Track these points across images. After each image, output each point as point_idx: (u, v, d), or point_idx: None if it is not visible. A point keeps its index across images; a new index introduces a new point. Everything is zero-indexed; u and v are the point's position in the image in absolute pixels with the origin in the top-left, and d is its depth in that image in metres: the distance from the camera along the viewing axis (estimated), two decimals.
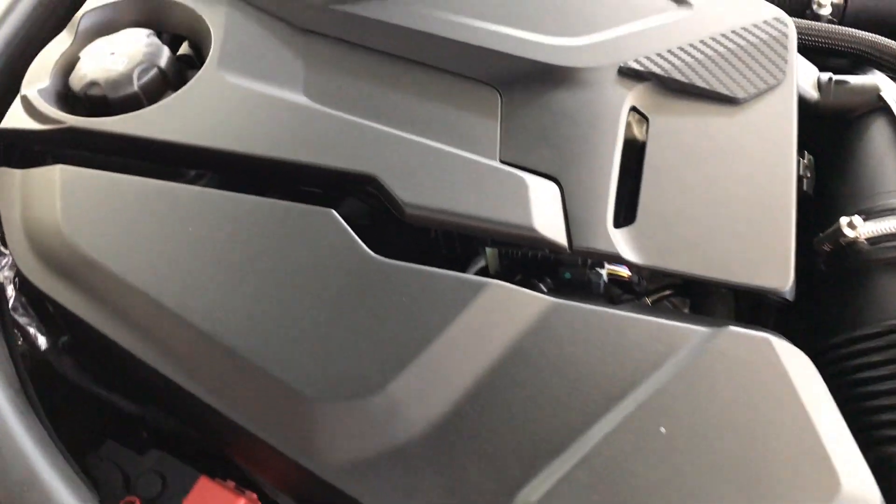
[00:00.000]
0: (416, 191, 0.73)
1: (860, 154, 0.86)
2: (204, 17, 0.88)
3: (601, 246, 0.71)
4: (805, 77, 0.87)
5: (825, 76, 0.88)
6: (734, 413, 0.63)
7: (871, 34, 0.90)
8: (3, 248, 0.85)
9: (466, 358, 0.65)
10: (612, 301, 0.78)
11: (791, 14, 0.96)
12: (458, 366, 0.65)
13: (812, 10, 0.94)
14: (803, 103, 0.85)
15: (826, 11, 0.94)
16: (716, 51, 0.82)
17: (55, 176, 0.77)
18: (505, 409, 0.64)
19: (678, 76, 0.80)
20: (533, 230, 0.71)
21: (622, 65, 0.81)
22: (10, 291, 0.83)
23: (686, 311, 0.82)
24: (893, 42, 0.89)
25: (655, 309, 0.79)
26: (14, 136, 0.83)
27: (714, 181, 0.76)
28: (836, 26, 0.91)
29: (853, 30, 0.90)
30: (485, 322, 0.66)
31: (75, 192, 0.76)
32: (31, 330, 0.83)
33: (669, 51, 0.82)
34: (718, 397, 0.63)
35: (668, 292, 0.83)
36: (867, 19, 0.95)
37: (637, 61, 0.81)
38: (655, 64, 0.81)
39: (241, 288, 0.69)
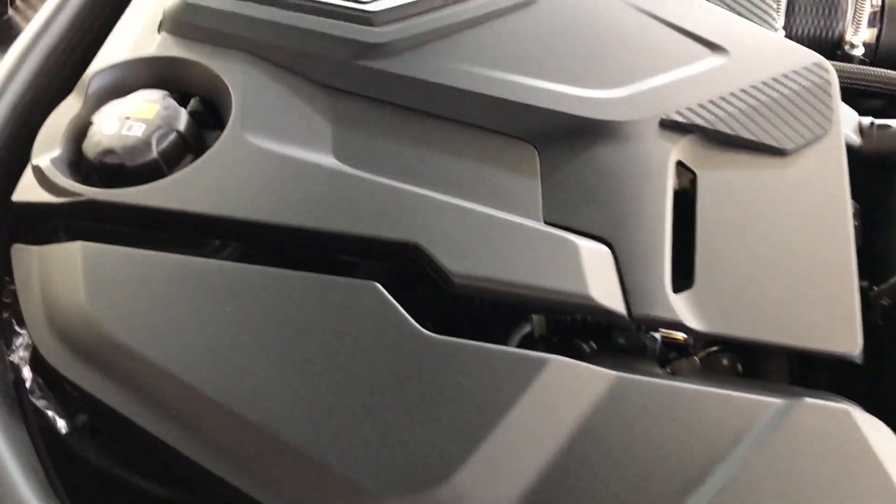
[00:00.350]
0: (462, 259, 0.70)
1: None
2: (222, 75, 0.84)
3: (663, 314, 0.68)
4: (846, 122, 0.85)
5: (866, 121, 0.86)
6: (820, 491, 0.60)
7: None
8: (16, 327, 0.81)
9: (533, 442, 0.62)
10: (662, 362, 0.75)
11: (822, 55, 0.96)
12: (524, 451, 0.61)
13: (843, 50, 0.93)
14: (846, 150, 0.82)
15: (859, 52, 0.92)
16: (759, 100, 0.80)
17: (76, 253, 0.72)
18: (577, 496, 0.60)
19: (723, 128, 0.78)
20: (590, 298, 0.68)
21: (664, 117, 0.78)
22: (27, 373, 0.78)
23: (738, 366, 0.80)
24: None
25: (714, 374, 0.76)
26: (27, 210, 0.78)
27: (769, 238, 0.73)
28: (871, 67, 0.89)
29: (888, 71, 0.89)
30: (550, 402, 0.63)
31: (99, 271, 0.71)
32: (50, 413, 0.78)
33: (711, 101, 0.79)
34: (803, 475, 0.60)
35: (716, 348, 0.80)
36: None
37: (679, 113, 0.78)
38: (698, 115, 0.78)
39: (284, 371, 0.65)
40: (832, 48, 0.94)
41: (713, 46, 0.84)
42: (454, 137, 0.80)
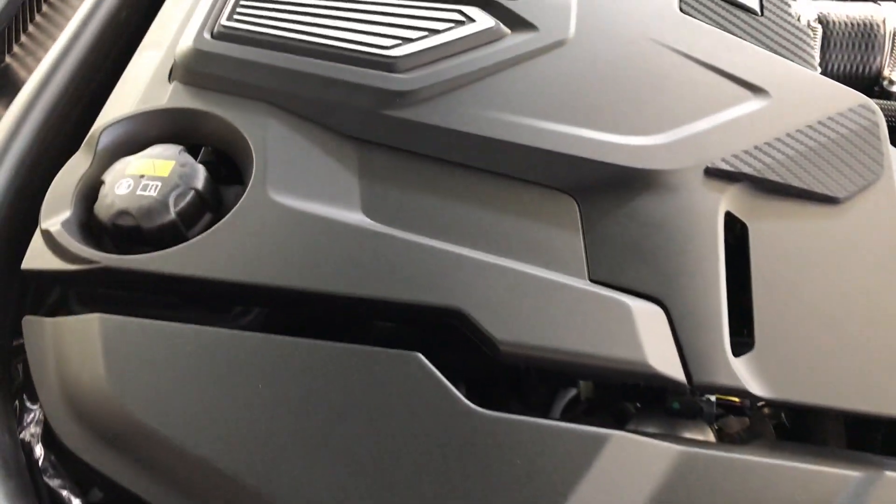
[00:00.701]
0: (508, 325, 0.66)
1: None
2: (240, 128, 0.79)
3: (725, 381, 0.64)
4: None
5: None
6: None
7: None
8: (28, 403, 0.76)
9: None
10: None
11: (859, 91, 0.92)
12: None
13: (882, 86, 0.90)
14: None
15: None
16: (806, 146, 0.76)
17: (94, 326, 0.67)
18: None
19: (772, 176, 0.74)
20: (648, 366, 0.64)
21: (709, 165, 0.75)
22: (39, 451, 0.73)
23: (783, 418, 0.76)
24: None
25: (778, 444, 0.72)
26: (37, 278, 0.73)
27: (827, 293, 0.69)
28: None
29: None
30: (614, 482, 0.59)
31: (120, 346, 0.66)
32: (65, 492, 0.73)
33: (757, 147, 0.76)
34: None
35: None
36: None
37: (725, 160, 0.75)
38: (745, 163, 0.75)
39: (325, 456, 0.60)
40: (869, 84, 0.91)
41: (754, 88, 0.80)
42: (489, 190, 0.76)
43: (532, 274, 0.69)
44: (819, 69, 0.87)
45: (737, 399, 0.69)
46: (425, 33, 0.85)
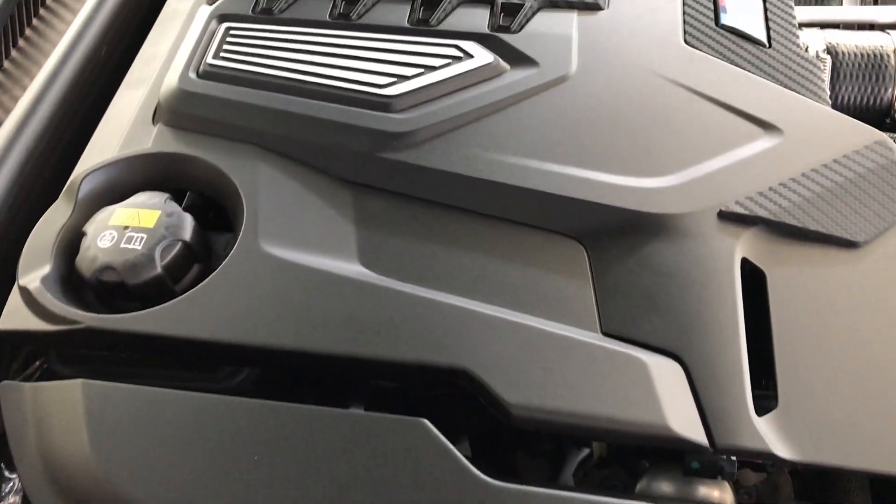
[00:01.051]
0: (519, 387, 0.62)
1: None
2: (229, 173, 0.75)
3: (750, 443, 0.60)
4: None
5: None
6: None
7: None
8: (5, 472, 0.71)
9: None
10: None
11: (870, 122, 0.89)
12: None
13: (893, 117, 0.87)
14: None
15: None
16: (822, 186, 0.73)
17: (77, 394, 0.63)
18: None
19: (789, 219, 0.71)
20: (668, 429, 0.60)
21: (723, 208, 0.71)
22: None
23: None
24: None
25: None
26: (15, 339, 0.69)
27: (852, 345, 0.66)
28: None
29: None
30: None
31: (104, 415, 0.62)
32: None
33: (772, 188, 0.72)
34: None
35: None
36: None
37: (739, 203, 0.71)
38: (760, 206, 0.71)
39: None
40: (881, 116, 0.88)
41: (765, 125, 0.77)
42: (492, 236, 0.73)
43: (542, 329, 0.65)
44: (830, 101, 0.83)
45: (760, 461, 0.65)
46: (421, 70, 0.81)
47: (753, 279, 0.69)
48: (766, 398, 0.64)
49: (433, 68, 0.81)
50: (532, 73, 0.81)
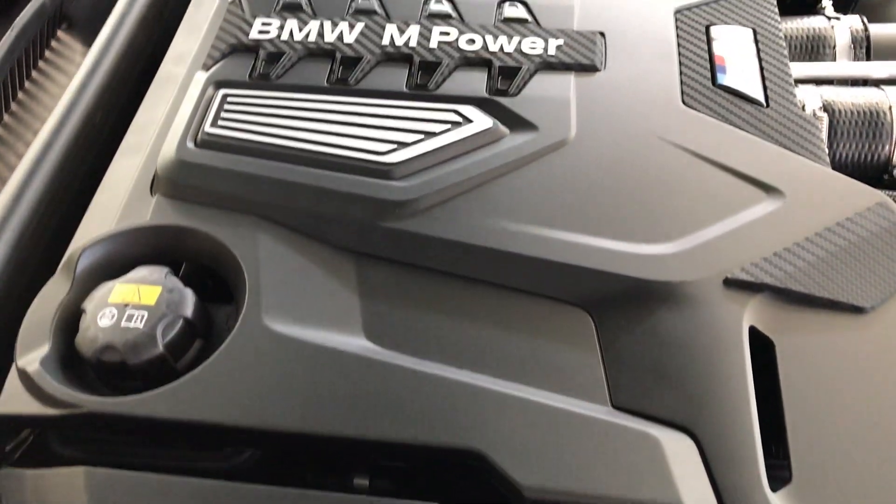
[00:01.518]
0: (531, 467, 0.61)
1: None
2: (230, 246, 0.74)
3: None
4: None
5: None
6: None
7: None
8: None
9: None
10: None
11: (869, 179, 0.90)
12: None
13: (892, 175, 0.87)
14: None
15: None
16: (827, 251, 0.73)
17: (80, 482, 0.62)
18: None
19: (795, 286, 0.70)
20: None
21: (728, 275, 0.71)
22: None
23: None
24: None
25: None
26: (15, 423, 0.67)
27: (864, 414, 0.65)
28: None
29: None
30: None
31: (107, 502, 0.61)
32: None
33: (776, 254, 0.72)
34: None
35: None
36: None
37: (745, 270, 0.71)
38: (766, 272, 0.71)
39: None
40: (879, 172, 0.88)
41: (767, 188, 0.77)
42: (498, 306, 0.72)
43: (552, 406, 0.64)
44: (828, 160, 0.84)
45: None
46: (422, 136, 0.81)
47: (762, 347, 0.69)
48: (778, 468, 0.64)
49: (433, 134, 0.81)
50: (532, 137, 0.81)
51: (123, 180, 0.83)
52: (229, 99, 0.85)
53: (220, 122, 0.83)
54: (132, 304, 0.70)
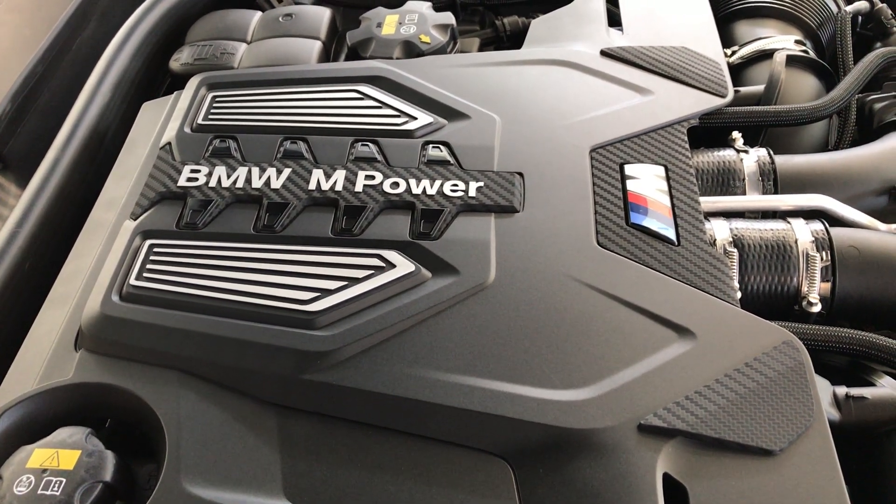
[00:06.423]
0: None
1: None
2: (152, 405, 0.75)
3: None
4: (821, 394, 0.81)
5: (841, 391, 0.83)
6: None
7: (868, 334, 0.86)
8: None
9: None
10: None
11: (780, 310, 0.93)
12: None
13: (801, 307, 0.90)
14: None
15: (816, 309, 0.89)
16: (736, 393, 0.75)
17: None
18: None
19: (706, 431, 0.72)
20: None
21: (642, 422, 0.73)
22: None
23: None
24: (890, 340, 0.85)
25: None
26: None
27: None
28: (835, 328, 0.86)
29: (851, 331, 0.86)
30: None
31: None
32: None
33: (688, 398, 0.74)
34: None
35: None
36: (854, 307, 0.92)
37: (657, 416, 0.73)
38: (678, 417, 0.73)
39: None
40: (789, 303, 0.91)
41: (679, 329, 0.79)
42: (419, 458, 0.73)
43: None
44: (739, 293, 0.87)
45: None
46: (345, 283, 0.83)
47: (676, 491, 0.71)
48: None
49: (356, 280, 0.83)
50: (452, 281, 0.83)
51: (48, 334, 0.83)
52: (155, 250, 0.87)
53: (145, 275, 0.84)
54: (50, 469, 0.70)
